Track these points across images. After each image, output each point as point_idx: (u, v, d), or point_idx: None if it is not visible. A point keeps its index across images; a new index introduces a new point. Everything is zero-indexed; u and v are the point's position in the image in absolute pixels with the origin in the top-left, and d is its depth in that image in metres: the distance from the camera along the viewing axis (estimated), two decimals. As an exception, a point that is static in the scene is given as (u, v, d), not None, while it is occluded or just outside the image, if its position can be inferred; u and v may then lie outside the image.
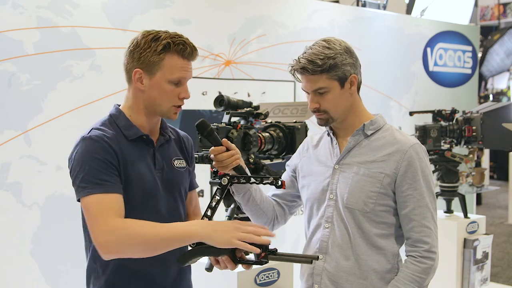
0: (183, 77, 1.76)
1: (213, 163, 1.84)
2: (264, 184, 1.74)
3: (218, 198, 1.76)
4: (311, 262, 1.73)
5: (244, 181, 1.77)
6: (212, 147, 1.82)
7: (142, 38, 1.73)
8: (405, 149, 1.86)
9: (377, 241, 1.86)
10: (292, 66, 1.88)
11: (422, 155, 1.88)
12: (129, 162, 1.73)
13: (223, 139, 1.84)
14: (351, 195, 1.87)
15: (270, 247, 1.67)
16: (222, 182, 1.76)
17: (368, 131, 1.92)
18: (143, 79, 1.74)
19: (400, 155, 1.85)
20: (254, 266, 2.44)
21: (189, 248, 1.69)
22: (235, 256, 1.70)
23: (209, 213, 1.75)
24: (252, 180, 1.77)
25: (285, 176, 2.13)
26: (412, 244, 1.86)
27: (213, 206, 1.75)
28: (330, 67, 1.82)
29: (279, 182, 1.71)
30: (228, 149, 1.81)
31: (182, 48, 1.72)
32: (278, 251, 1.69)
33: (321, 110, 1.88)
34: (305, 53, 1.86)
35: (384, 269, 1.87)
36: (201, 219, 1.75)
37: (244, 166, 1.86)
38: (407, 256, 1.88)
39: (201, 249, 1.68)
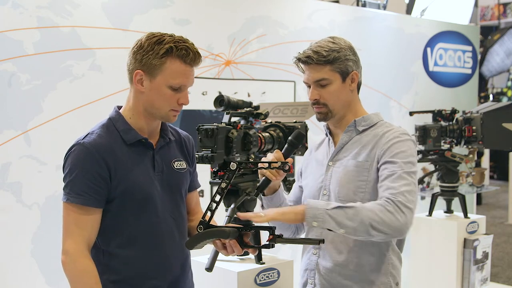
0: (184, 84, 1.74)
1: (267, 170, 1.85)
2: (272, 168, 1.76)
3: (226, 184, 1.73)
4: (318, 244, 1.70)
5: (252, 166, 1.79)
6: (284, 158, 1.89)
7: (146, 40, 1.72)
8: (386, 134, 1.88)
9: None
10: (296, 57, 1.92)
11: (405, 137, 1.86)
12: (126, 168, 1.74)
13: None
14: (341, 188, 1.89)
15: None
16: (231, 167, 1.75)
17: (360, 127, 1.95)
18: (144, 81, 1.73)
19: (382, 139, 1.87)
20: (255, 266, 2.46)
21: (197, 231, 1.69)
22: (242, 240, 1.72)
23: (213, 207, 1.74)
24: (260, 165, 1.79)
25: (295, 185, 2.18)
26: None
27: (220, 191, 1.73)
28: (334, 59, 1.87)
29: (287, 166, 1.73)
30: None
31: (185, 53, 1.71)
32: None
33: (320, 102, 1.92)
34: (311, 46, 1.91)
35: (377, 261, 1.89)
36: (204, 213, 1.73)
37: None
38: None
39: (209, 232, 1.68)
